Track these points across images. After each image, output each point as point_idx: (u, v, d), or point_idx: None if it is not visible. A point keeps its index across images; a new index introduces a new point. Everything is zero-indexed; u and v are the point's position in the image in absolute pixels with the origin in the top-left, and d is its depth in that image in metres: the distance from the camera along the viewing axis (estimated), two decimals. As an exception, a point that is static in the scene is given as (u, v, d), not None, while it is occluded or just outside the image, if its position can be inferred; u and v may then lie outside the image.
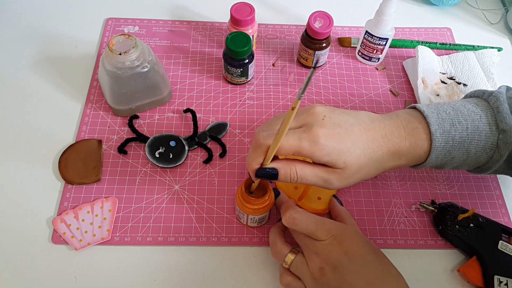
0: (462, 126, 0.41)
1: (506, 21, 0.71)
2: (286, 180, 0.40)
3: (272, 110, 0.59)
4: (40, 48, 0.63)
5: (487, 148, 0.42)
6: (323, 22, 0.56)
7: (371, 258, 0.39)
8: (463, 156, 0.42)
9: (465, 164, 0.44)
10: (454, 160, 0.43)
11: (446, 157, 0.42)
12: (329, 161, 0.38)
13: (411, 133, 0.41)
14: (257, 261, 0.48)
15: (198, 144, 0.55)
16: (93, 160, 0.52)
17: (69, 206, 0.50)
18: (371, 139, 0.40)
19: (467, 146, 0.42)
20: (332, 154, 0.38)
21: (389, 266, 0.40)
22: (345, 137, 0.39)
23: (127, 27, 0.66)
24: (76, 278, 0.46)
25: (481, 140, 0.41)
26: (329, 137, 0.38)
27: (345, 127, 0.39)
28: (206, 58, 0.63)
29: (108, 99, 0.55)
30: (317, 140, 0.37)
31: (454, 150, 0.42)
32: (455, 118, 0.42)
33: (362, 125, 0.41)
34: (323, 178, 0.40)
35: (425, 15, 0.71)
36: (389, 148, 0.41)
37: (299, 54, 0.62)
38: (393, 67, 0.64)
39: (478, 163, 0.44)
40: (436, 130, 0.41)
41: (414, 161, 0.43)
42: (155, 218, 0.49)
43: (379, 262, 0.40)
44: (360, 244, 0.40)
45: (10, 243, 0.48)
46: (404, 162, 0.43)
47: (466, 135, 0.41)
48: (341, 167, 0.39)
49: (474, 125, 0.41)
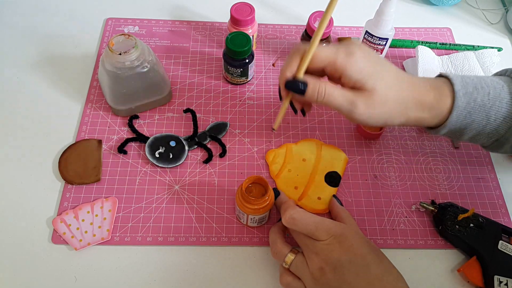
0: (484, 91, 0.42)
1: (506, 21, 0.71)
2: (313, 96, 0.41)
3: (272, 110, 0.59)
4: (40, 48, 0.63)
5: (507, 117, 0.42)
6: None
7: (371, 258, 0.39)
8: (483, 121, 0.43)
9: (484, 133, 0.44)
10: (473, 125, 0.43)
11: (466, 118, 0.43)
12: (359, 80, 0.40)
13: (436, 89, 0.43)
14: (257, 261, 0.48)
15: (198, 144, 0.55)
16: (93, 160, 0.52)
17: (69, 206, 0.50)
18: (400, 81, 0.42)
19: (487, 111, 0.42)
20: (363, 72, 0.40)
21: (389, 266, 0.40)
22: (377, 64, 0.41)
23: (127, 27, 0.66)
24: (76, 278, 0.46)
25: (502, 107, 0.42)
26: (363, 57, 0.40)
27: (379, 59, 0.42)
28: (206, 58, 0.63)
29: (108, 99, 0.55)
30: (353, 54, 0.40)
31: (474, 113, 0.43)
32: (478, 83, 0.43)
33: (393, 67, 0.43)
34: (349, 99, 0.40)
35: (425, 15, 0.71)
36: (414, 96, 0.42)
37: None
38: (393, 67, 0.64)
39: (497, 133, 0.44)
40: (459, 90, 0.42)
41: (437, 117, 0.43)
42: (155, 218, 0.49)
43: (379, 262, 0.40)
44: (360, 244, 0.40)
45: (10, 243, 0.48)
46: (427, 115, 0.43)
47: (488, 100, 0.42)
48: (369, 89, 0.40)
49: (496, 92, 0.42)
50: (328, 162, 0.54)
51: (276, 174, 0.53)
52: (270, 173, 0.53)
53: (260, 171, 0.53)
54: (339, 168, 0.54)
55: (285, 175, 0.53)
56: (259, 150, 0.55)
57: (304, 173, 0.53)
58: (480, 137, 0.45)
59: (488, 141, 0.45)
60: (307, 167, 0.53)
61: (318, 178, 0.53)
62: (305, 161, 0.54)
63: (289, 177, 0.53)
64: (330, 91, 0.40)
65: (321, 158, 0.54)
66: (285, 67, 0.41)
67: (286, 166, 0.53)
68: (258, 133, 0.56)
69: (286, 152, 0.54)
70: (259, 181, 0.46)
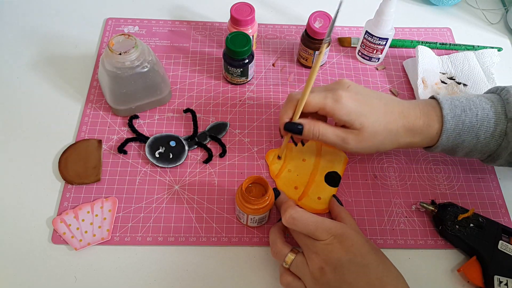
0: (472, 112, 0.45)
1: (506, 21, 0.71)
2: (309, 135, 0.46)
3: (272, 110, 0.59)
4: (40, 48, 0.63)
5: (496, 135, 0.45)
6: (323, 22, 0.56)
7: (371, 258, 0.39)
8: (473, 140, 0.45)
9: (476, 150, 0.46)
10: (464, 144, 0.46)
11: (456, 139, 0.46)
12: (347, 121, 0.44)
13: (426, 114, 0.46)
14: (257, 261, 0.48)
15: (198, 144, 0.55)
16: (93, 160, 0.52)
17: (69, 206, 0.50)
18: (388, 112, 0.45)
19: (476, 131, 0.45)
20: (351, 115, 0.44)
21: (390, 265, 0.40)
22: (364, 104, 0.45)
23: (127, 27, 0.66)
24: (76, 278, 0.46)
25: (490, 126, 0.45)
26: (350, 100, 0.44)
27: (366, 97, 0.45)
28: (206, 58, 0.63)
29: (108, 99, 0.55)
30: (339, 100, 0.44)
31: (464, 134, 0.45)
32: (466, 105, 0.46)
33: (382, 101, 0.46)
34: (341, 137, 0.45)
35: (425, 15, 0.71)
36: (404, 124, 0.45)
37: (299, 54, 0.62)
38: (393, 67, 0.64)
39: (488, 150, 0.46)
40: (448, 114, 0.45)
41: (427, 141, 0.47)
42: (155, 218, 0.49)
43: (379, 262, 0.40)
44: (360, 243, 0.40)
45: (10, 243, 0.48)
46: (418, 140, 0.46)
47: (476, 121, 0.45)
48: (358, 128, 0.44)
49: (484, 112, 0.45)
50: (328, 162, 0.54)
51: (276, 174, 0.53)
52: (270, 173, 0.53)
53: (260, 171, 0.53)
54: (339, 168, 0.54)
55: (285, 175, 0.53)
56: (259, 150, 0.55)
57: (304, 173, 0.53)
58: (473, 153, 0.48)
59: (482, 156, 0.48)
60: (307, 167, 0.53)
61: (318, 178, 0.53)
62: (305, 161, 0.54)
63: (289, 177, 0.53)
64: (323, 131, 0.46)
65: (321, 158, 0.54)
66: (283, 114, 0.47)
67: (286, 166, 0.53)
68: (258, 133, 0.56)
69: (286, 152, 0.54)
70: (259, 181, 0.46)
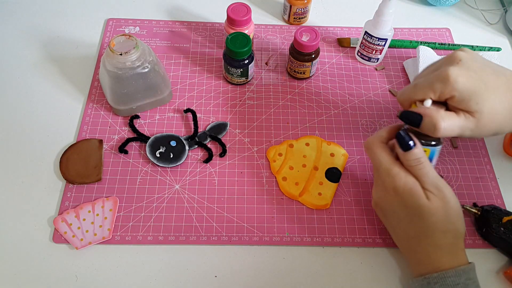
0: None
1: (505, 21, 0.71)
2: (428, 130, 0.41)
3: (272, 110, 0.59)
4: (41, 48, 0.63)
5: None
6: (310, 36, 0.56)
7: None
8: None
9: None
10: None
11: None
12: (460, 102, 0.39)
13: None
14: (257, 260, 0.48)
15: (198, 144, 0.55)
16: (94, 160, 0.53)
17: (70, 206, 0.50)
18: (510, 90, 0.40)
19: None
20: (463, 93, 0.39)
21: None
22: (479, 81, 0.39)
23: (128, 27, 0.67)
24: (77, 277, 0.46)
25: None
26: (461, 78, 0.39)
27: (480, 73, 0.40)
28: (206, 59, 0.63)
29: (109, 99, 0.56)
30: (446, 80, 0.39)
31: None
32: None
33: (501, 77, 0.41)
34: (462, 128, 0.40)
35: (424, 16, 0.72)
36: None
37: (288, 66, 0.61)
38: (392, 67, 0.64)
39: None
40: None
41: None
42: (156, 217, 0.50)
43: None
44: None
45: (11, 243, 0.48)
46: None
47: None
48: (473, 110, 0.39)
49: None
50: (328, 158, 0.54)
51: (277, 170, 0.53)
52: (271, 169, 0.53)
53: (260, 170, 0.54)
54: (339, 164, 0.54)
55: (286, 171, 0.53)
56: (259, 150, 0.55)
57: (305, 169, 0.53)
58: None
59: None
60: (308, 163, 0.54)
61: (318, 174, 0.53)
62: (305, 157, 0.54)
63: (289, 173, 0.53)
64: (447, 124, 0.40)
65: (322, 154, 0.54)
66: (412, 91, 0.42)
67: (287, 163, 0.54)
68: (258, 133, 0.57)
69: (287, 149, 0.55)
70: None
